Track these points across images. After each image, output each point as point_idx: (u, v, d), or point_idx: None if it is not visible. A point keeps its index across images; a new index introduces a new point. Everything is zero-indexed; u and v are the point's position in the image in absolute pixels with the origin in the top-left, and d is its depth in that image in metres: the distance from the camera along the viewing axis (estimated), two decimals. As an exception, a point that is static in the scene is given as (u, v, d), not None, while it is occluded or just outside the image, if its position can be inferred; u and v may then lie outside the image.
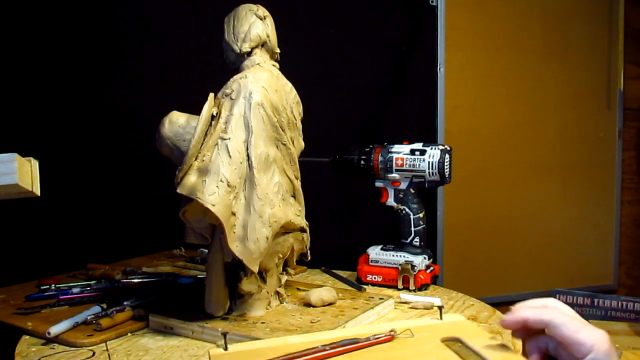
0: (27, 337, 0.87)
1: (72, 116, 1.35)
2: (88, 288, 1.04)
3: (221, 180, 0.78)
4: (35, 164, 0.69)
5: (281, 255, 0.87)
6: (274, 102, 0.84)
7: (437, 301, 0.97)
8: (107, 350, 0.80)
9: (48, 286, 1.05)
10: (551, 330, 0.60)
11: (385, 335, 0.71)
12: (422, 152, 1.08)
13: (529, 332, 0.63)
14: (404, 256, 1.09)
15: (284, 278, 0.92)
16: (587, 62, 2.05)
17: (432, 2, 1.78)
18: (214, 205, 0.76)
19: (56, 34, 1.33)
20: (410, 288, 1.06)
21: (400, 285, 1.07)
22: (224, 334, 0.68)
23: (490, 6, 1.91)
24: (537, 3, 1.97)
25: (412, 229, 1.10)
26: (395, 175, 1.10)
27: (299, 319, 0.84)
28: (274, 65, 0.90)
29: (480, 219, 1.94)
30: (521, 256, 2.01)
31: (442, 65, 1.82)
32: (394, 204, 1.12)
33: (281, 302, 0.91)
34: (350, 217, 1.66)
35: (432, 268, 1.12)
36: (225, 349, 0.67)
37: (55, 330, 0.84)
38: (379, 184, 1.13)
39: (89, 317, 0.88)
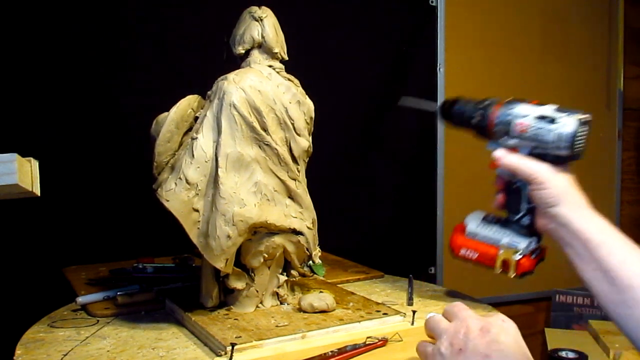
0: (74, 303, 0.97)
1: (72, 116, 1.35)
2: (162, 270, 1.08)
3: (180, 178, 0.81)
4: (35, 164, 0.69)
5: (267, 255, 0.87)
6: (252, 103, 0.84)
7: None
8: (109, 322, 0.88)
9: (138, 264, 1.10)
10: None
11: (380, 340, 0.77)
12: (552, 121, 0.86)
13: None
14: (508, 235, 0.91)
15: (283, 278, 0.91)
16: (587, 62, 2.05)
17: (432, 2, 1.78)
18: (168, 200, 0.81)
19: (56, 34, 1.33)
20: (510, 275, 0.91)
21: (497, 270, 0.92)
22: (233, 345, 0.72)
23: (490, 6, 1.91)
24: (537, 3, 1.97)
25: (524, 204, 0.89)
26: (514, 141, 0.88)
27: (273, 321, 0.83)
28: (270, 66, 0.90)
29: (480, 219, 1.93)
30: (521, 256, 2.00)
31: (442, 65, 1.82)
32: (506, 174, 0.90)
33: (281, 303, 0.91)
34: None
35: (538, 251, 0.93)
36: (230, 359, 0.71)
37: (81, 300, 0.96)
38: (491, 146, 0.91)
39: (118, 294, 0.95)
